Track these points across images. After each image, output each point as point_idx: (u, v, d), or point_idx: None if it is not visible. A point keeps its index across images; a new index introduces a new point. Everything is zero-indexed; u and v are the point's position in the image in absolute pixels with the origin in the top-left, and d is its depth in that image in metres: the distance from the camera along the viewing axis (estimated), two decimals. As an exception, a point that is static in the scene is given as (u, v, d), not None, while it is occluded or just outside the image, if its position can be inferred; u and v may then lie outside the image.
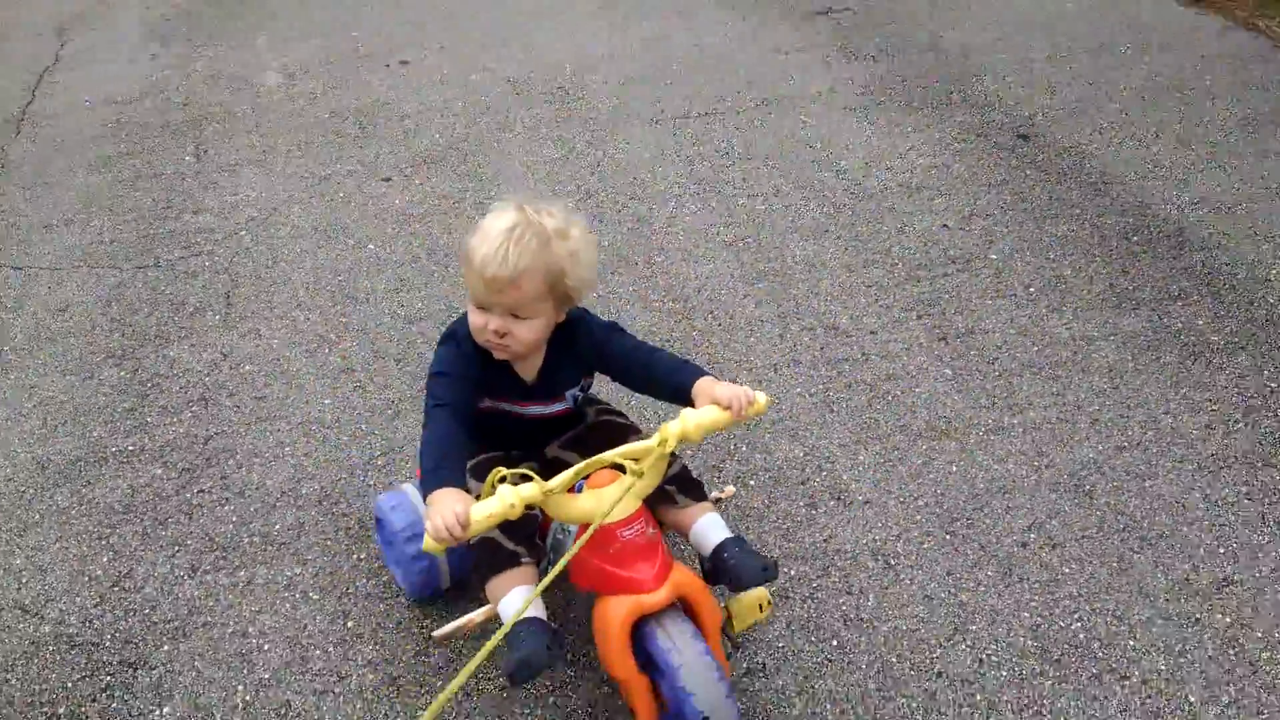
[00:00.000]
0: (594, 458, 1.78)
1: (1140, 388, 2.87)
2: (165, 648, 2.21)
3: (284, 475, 2.63)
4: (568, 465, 1.79)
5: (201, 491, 2.60)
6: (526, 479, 1.71)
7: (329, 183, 4.05)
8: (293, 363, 3.06)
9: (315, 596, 2.32)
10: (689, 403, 1.84)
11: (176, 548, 2.46)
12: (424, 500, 1.72)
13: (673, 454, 1.88)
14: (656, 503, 1.94)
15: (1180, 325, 3.11)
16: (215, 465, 2.67)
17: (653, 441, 1.77)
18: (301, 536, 2.47)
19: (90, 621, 2.28)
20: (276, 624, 2.25)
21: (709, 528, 1.96)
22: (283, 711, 2.08)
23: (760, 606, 1.95)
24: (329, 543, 2.46)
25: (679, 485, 2.00)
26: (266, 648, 2.21)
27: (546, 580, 1.67)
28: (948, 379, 2.91)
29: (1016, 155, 4.06)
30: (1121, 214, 3.67)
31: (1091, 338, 3.06)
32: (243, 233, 3.73)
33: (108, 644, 2.23)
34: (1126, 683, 2.09)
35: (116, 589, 2.36)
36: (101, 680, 2.15)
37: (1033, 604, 2.26)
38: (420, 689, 2.11)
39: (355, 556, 2.42)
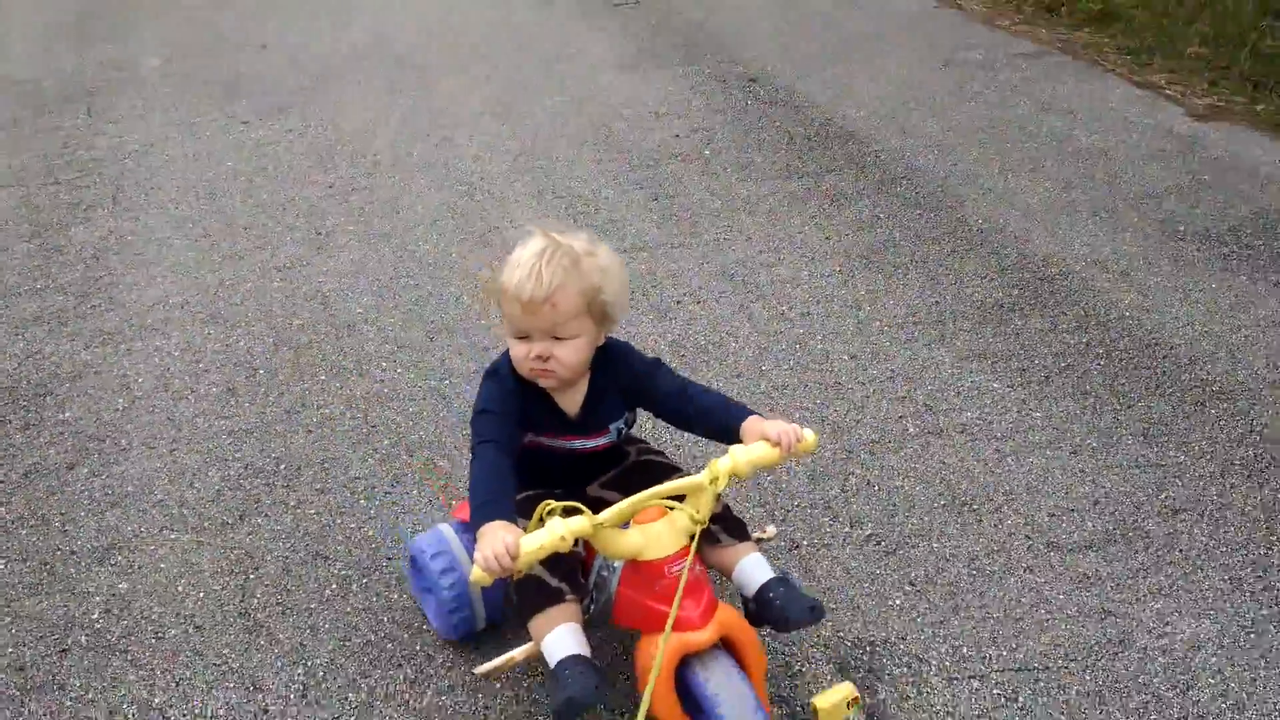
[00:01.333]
0: (645, 492, 1.76)
1: (789, 221, 4.02)
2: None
3: (156, 295, 3.62)
4: (609, 505, 1.77)
5: (95, 306, 3.57)
6: (576, 512, 1.69)
7: (198, 126, 5.05)
8: (164, 233, 4.05)
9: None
10: (736, 440, 1.82)
11: (75, 337, 3.43)
12: (474, 535, 1.69)
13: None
14: (701, 542, 1.84)
15: (828, 187, 4.29)
16: (105, 289, 3.65)
17: (703, 478, 1.76)
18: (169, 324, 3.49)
19: None
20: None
21: (753, 567, 1.93)
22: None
23: (848, 704, 1.86)
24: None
25: (723, 525, 1.98)
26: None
27: (644, 705, 1.65)
28: (654, 221, 4.02)
29: (743, 92, 5.27)
30: (808, 125, 4.88)
31: (764, 195, 4.22)
32: (126, 160, 4.70)
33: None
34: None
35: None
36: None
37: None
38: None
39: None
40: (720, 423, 1.88)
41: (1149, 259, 3.72)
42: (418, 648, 2.23)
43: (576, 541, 1.69)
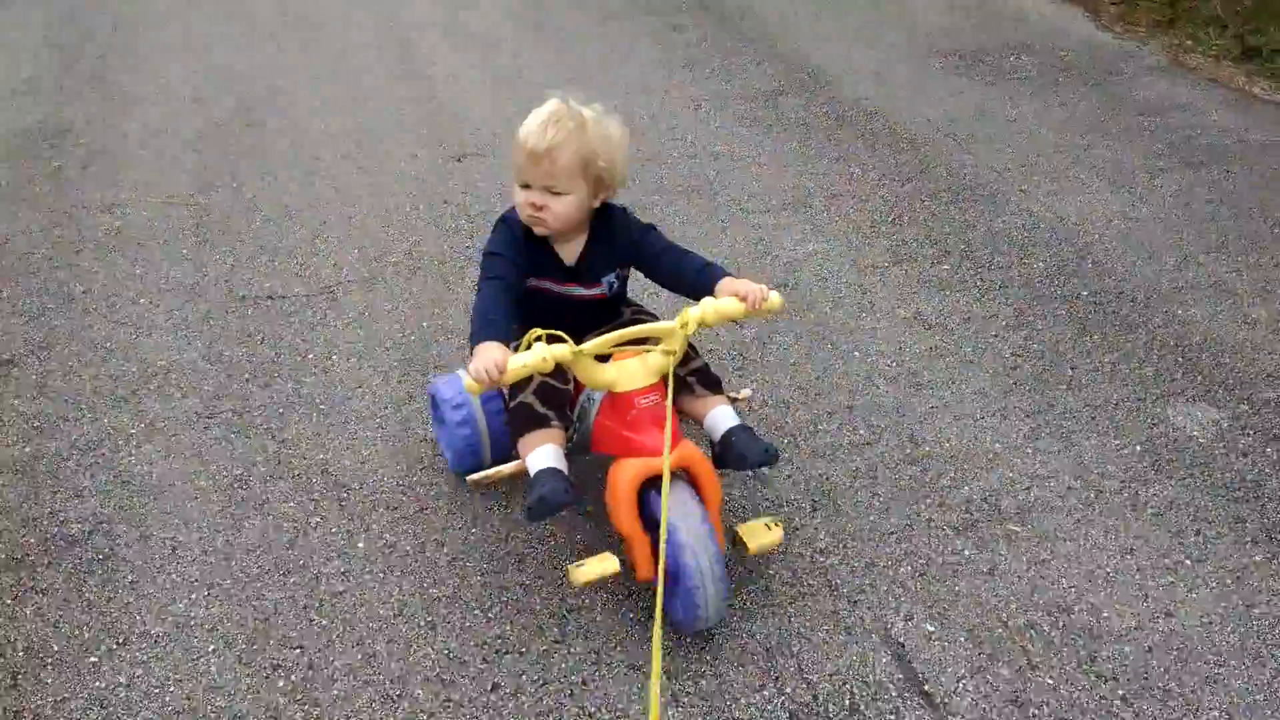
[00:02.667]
0: (624, 330, 1.96)
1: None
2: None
3: (144, 173, 3.79)
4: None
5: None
6: (560, 341, 1.90)
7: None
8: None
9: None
10: (711, 295, 2.01)
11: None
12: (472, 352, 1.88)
13: (695, 350, 2.21)
14: (677, 391, 2.07)
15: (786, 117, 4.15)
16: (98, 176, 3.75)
17: (675, 323, 1.95)
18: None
19: None
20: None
21: (721, 417, 2.13)
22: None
23: (768, 526, 2.09)
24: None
25: (698, 377, 2.19)
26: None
27: None
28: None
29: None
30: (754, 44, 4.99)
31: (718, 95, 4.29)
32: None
33: None
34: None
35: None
36: None
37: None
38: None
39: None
40: (699, 279, 2.07)
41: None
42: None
43: (561, 371, 1.96)
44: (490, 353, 1.83)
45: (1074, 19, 5.42)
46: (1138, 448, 2.53)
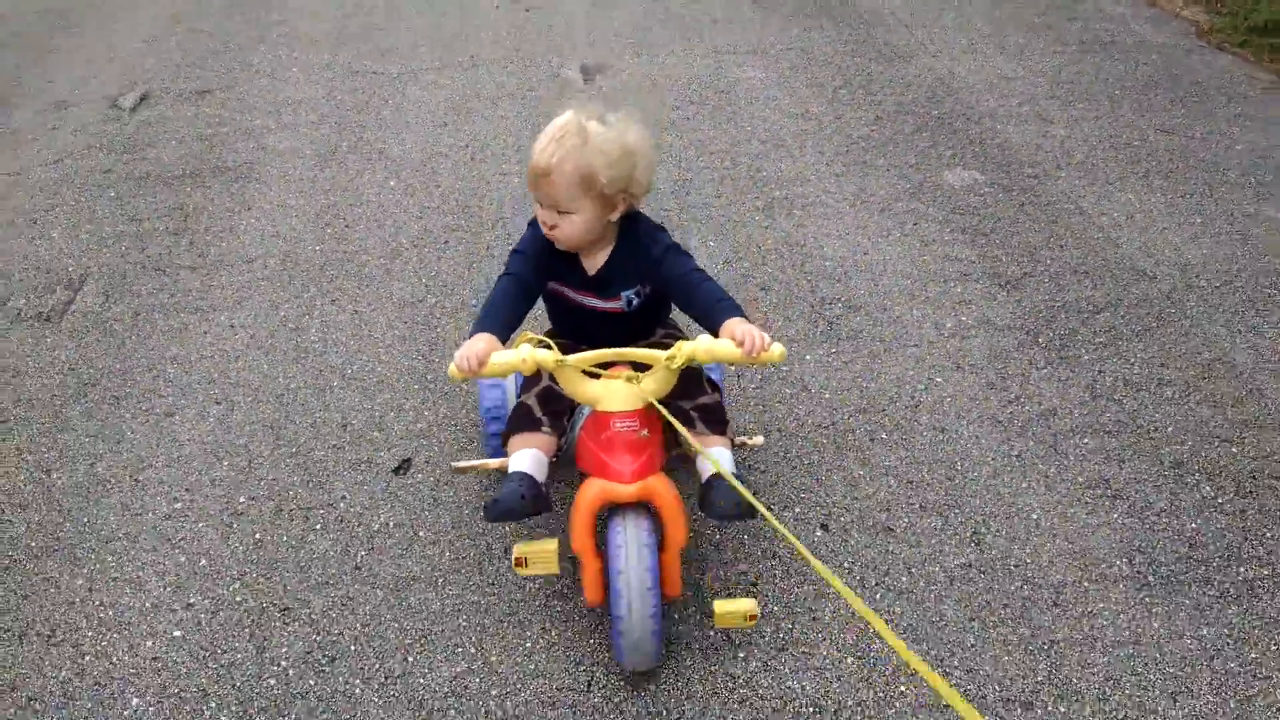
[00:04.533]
0: (613, 350, 1.94)
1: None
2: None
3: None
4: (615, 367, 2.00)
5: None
6: (548, 348, 1.90)
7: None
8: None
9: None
10: (714, 332, 1.93)
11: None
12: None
13: (712, 385, 2.21)
14: (676, 422, 1.94)
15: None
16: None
17: (665, 354, 1.89)
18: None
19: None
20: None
21: (715, 459, 2.01)
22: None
23: (747, 617, 1.95)
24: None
25: (703, 414, 2.14)
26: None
27: None
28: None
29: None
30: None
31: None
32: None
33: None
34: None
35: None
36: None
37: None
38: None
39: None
40: (707, 314, 1.99)
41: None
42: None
43: (546, 371, 1.97)
44: (475, 344, 1.88)
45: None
46: (929, 205, 3.57)
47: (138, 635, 2.21)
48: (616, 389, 1.97)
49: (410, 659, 2.14)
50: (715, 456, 2.06)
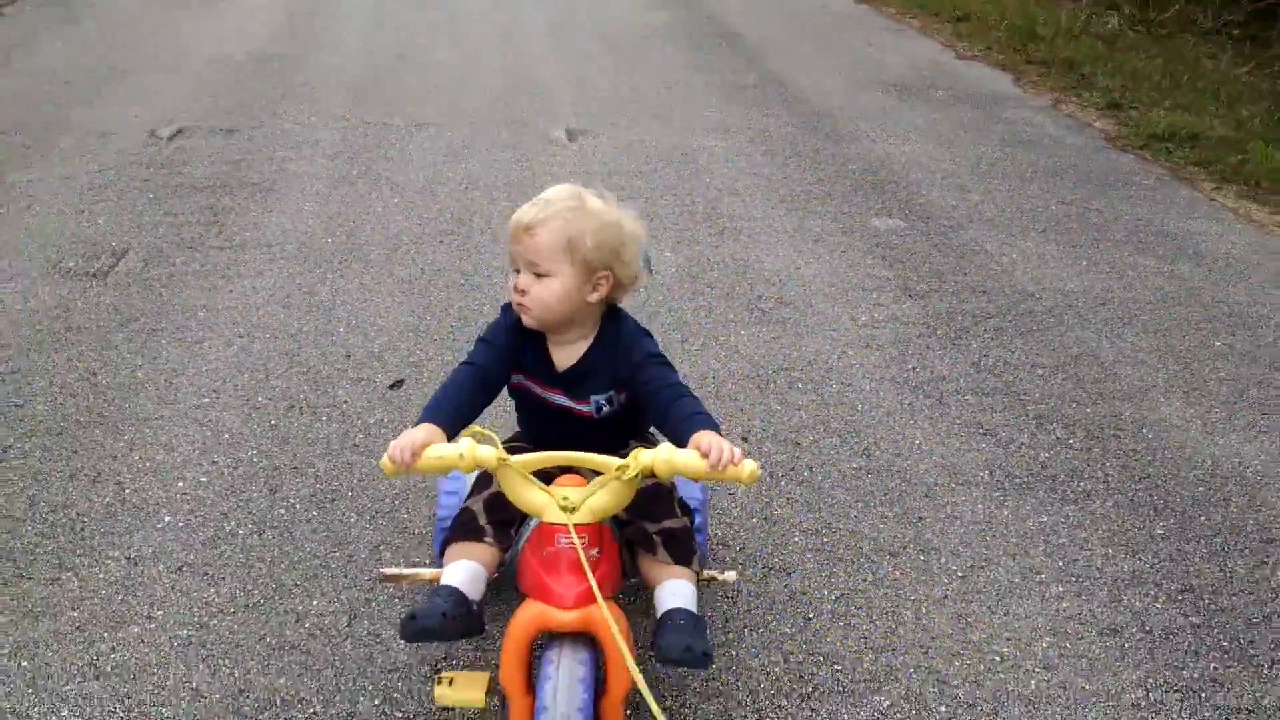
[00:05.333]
0: (558, 454, 1.76)
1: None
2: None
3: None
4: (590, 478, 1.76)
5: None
6: (493, 445, 1.71)
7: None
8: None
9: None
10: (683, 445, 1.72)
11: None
12: None
13: (683, 508, 1.98)
14: (638, 549, 1.87)
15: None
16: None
17: (618, 462, 1.70)
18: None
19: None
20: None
21: (670, 593, 1.85)
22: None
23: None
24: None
25: (665, 539, 1.92)
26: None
27: None
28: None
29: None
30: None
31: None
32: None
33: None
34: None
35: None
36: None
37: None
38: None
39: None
40: (677, 429, 1.78)
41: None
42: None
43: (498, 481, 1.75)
44: (412, 434, 1.71)
45: (997, 79, 7.30)
46: (856, 240, 4.24)
47: (169, 479, 2.67)
48: (560, 496, 1.74)
49: (399, 503, 2.61)
50: (675, 592, 1.86)
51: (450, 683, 1.80)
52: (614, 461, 1.72)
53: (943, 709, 2.09)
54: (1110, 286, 4.03)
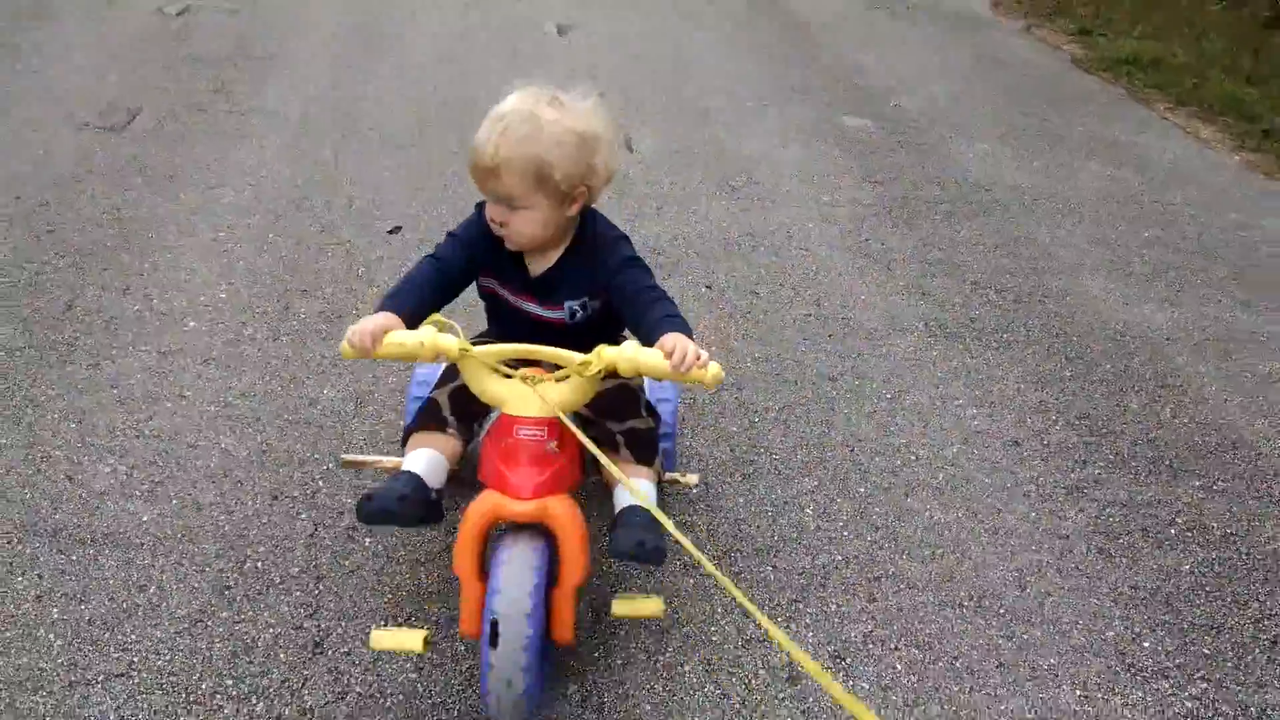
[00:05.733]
0: (522, 346, 1.72)
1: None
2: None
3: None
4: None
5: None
6: (455, 335, 1.68)
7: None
8: None
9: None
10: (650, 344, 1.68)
11: None
12: None
13: (648, 409, 1.98)
14: (601, 445, 1.72)
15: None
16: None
17: (578, 358, 1.68)
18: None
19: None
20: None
21: (629, 491, 1.76)
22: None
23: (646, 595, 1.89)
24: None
25: (628, 439, 1.91)
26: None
27: None
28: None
29: None
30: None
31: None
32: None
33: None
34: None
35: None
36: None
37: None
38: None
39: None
40: (650, 329, 1.74)
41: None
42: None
43: (448, 358, 1.69)
44: (373, 320, 1.67)
45: (976, 3, 7.54)
46: (827, 134, 4.47)
47: (193, 294, 2.99)
48: (527, 393, 1.73)
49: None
50: (634, 486, 1.79)
51: (385, 630, 1.76)
52: (577, 356, 1.70)
53: (862, 490, 2.46)
54: (1056, 184, 4.36)
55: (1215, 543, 2.42)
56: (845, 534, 2.33)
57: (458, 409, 1.93)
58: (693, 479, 2.20)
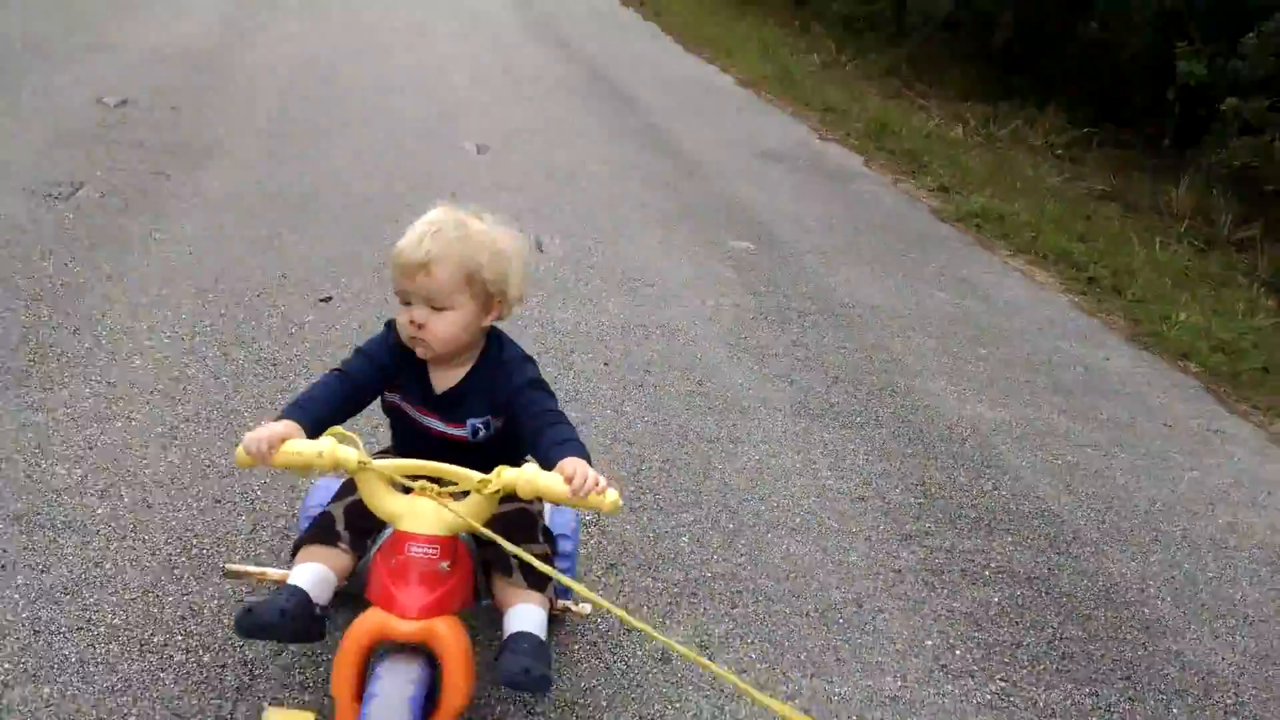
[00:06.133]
0: (419, 461, 1.74)
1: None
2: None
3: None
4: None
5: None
6: (354, 447, 1.68)
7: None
8: None
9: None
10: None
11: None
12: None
13: (547, 536, 2.02)
14: (494, 570, 1.83)
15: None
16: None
17: (477, 477, 1.69)
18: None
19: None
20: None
21: (519, 616, 1.82)
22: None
23: None
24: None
25: (523, 564, 1.78)
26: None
27: None
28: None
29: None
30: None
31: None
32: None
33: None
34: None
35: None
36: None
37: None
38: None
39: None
40: (548, 452, 1.77)
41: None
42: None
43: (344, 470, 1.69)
44: (271, 428, 1.67)
45: (849, 159, 8.44)
46: (714, 252, 5.08)
47: (138, 337, 3.29)
48: (424, 509, 1.71)
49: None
50: (524, 615, 1.85)
51: (279, 709, 1.80)
52: (477, 475, 1.70)
53: (730, 526, 2.88)
54: (910, 306, 5.00)
55: (1021, 583, 2.91)
56: (714, 558, 2.74)
57: (352, 524, 1.92)
58: (584, 609, 2.21)
